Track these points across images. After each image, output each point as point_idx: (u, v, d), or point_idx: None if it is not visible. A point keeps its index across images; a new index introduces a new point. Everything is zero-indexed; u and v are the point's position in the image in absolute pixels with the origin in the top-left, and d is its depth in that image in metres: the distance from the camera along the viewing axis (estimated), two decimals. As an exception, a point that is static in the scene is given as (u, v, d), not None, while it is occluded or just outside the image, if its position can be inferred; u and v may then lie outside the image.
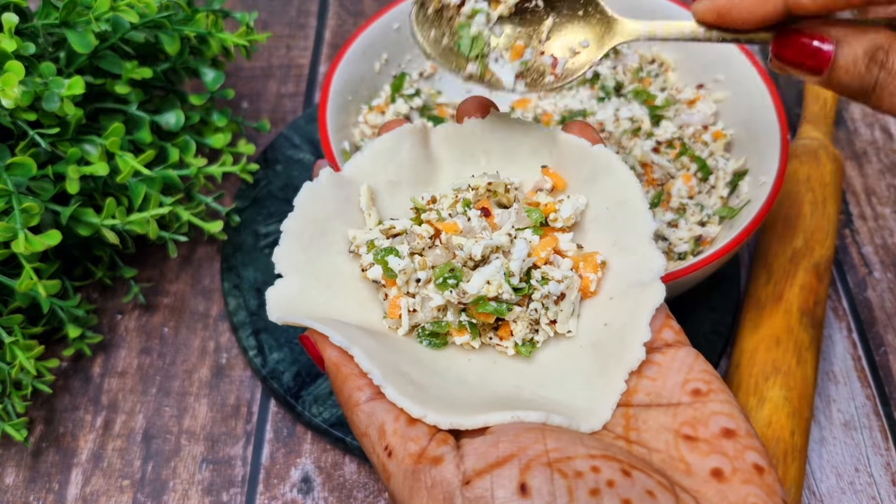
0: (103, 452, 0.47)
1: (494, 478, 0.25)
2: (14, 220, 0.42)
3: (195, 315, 0.54)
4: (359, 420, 0.28)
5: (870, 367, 0.52)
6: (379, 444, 0.27)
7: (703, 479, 0.26)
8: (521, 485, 0.24)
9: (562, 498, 0.24)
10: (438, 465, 0.26)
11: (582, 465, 0.25)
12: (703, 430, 0.27)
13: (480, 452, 0.26)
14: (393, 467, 0.27)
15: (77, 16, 0.45)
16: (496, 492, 0.24)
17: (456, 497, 0.25)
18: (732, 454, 0.26)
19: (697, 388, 0.28)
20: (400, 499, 0.26)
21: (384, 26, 0.55)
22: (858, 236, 0.59)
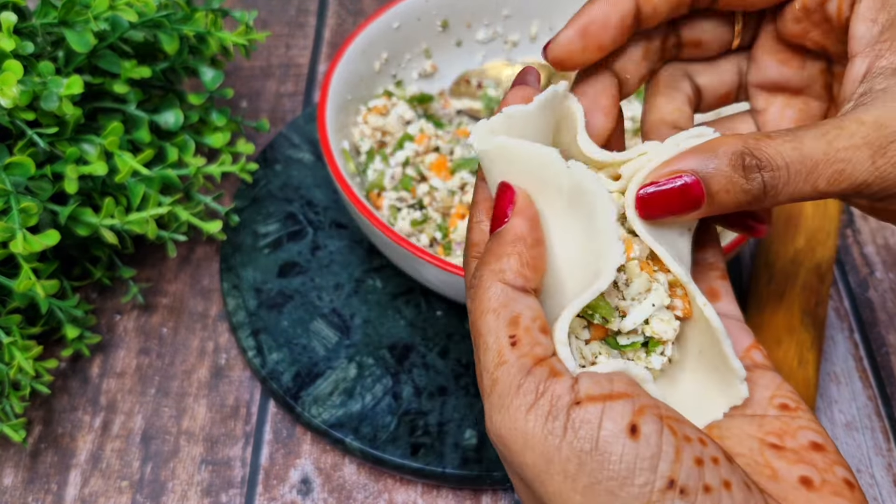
0: (102, 453, 0.47)
1: (606, 409, 0.24)
2: (12, 220, 0.42)
3: (194, 315, 0.53)
4: (494, 293, 0.27)
5: (871, 368, 0.52)
6: (506, 329, 0.26)
7: (791, 486, 0.25)
8: (632, 425, 0.24)
9: (668, 454, 0.23)
10: (555, 376, 0.25)
11: (691, 432, 0.24)
12: (790, 440, 0.27)
13: (596, 381, 0.25)
14: (511, 357, 0.25)
15: (76, 15, 0.45)
16: (605, 422, 0.24)
17: (561, 413, 0.24)
18: (822, 466, 0.26)
19: (785, 403, 0.28)
20: (503, 388, 0.25)
21: (384, 25, 0.55)
22: (860, 236, 0.59)
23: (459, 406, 0.48)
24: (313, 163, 0.60)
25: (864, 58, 0.30)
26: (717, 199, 0.28)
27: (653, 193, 0.28)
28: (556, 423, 0.24)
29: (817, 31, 0.32)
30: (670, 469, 0.23)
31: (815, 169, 0.28)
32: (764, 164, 0.28)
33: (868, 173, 0.28)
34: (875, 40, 0.30)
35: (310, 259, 0.54)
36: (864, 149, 0.28)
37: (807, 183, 0.28)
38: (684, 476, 0.23)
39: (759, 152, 0.28)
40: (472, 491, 0.46)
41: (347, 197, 0.46)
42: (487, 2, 0.59)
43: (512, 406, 0.25)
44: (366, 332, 0.51)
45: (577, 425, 0.24)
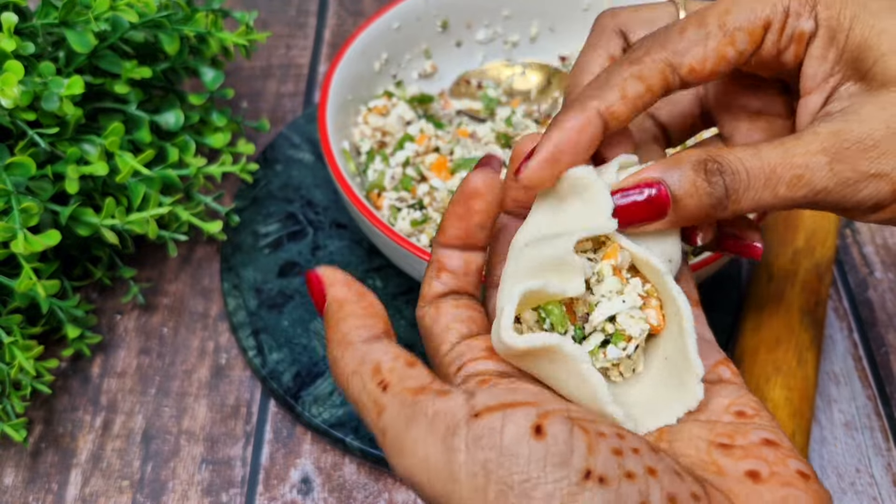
0: (102, 453, 0.47)
1: (507, 415, 0.23)
2: (13, 220, 0.42)
3: (194, 315, 0.53)
4: (349, 359, 0.27)
5: (871, 368, 0.52)
6: (372, 380, 0.26)
7: (736, 479, 0.25)
8: (537, 426, 0.23)
9: (580, 448, 0.22)
10: (444, 396, 0.24)
11: (606, 429, 0.24)
12: (740, 439, 0.26)
13: (494, 394, 0.24)
14: (387, 399, 0.25)
15: (76, 15, 0.45)
16: (506, 427, 0.23)
17: (460, 428, 0.23)
18: (772, 460, 0.25)
19: (743, 410, 0.27)
20: (393, 432, 0.24)
21: (384, 26, 0.55)
22: (859, 236, 0.59)
23: (459, 406, 0.48)
24: (313, 163, 0.60)
25: (819, 93, 0.31)
26: (681, 204, 0.29)
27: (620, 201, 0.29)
28: (456, 439, 0.23)
29: (769, 70, 0.33)
30: (584, 460, 0.22)
31: (773, 174, 0.28)
32: (724, 168, 0.28)
33: (827, 179, 0.28)
34: (828, 74, 0.31)
35: (310, 259, 0.55)
36: (820, 155, 0.28)
37: (766, 188, 0.29)
38: (601, 465, 0.22)
39: (721, 158, 0.29)
40: (472, 490, 0.46)
41: (347, 197, 0.46)
42: (487, 2, 0.59)
43: (407, 441, 0.24)
44: (366, 332, 0.51)
45: (479, 435, 0.23)
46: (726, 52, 0.31)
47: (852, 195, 0.29)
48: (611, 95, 0.30)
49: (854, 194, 0.29)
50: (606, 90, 0.30)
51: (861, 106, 0.29)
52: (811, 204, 0.29)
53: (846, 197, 0.29)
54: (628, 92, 0.30)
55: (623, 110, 0.30)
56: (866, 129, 0.28)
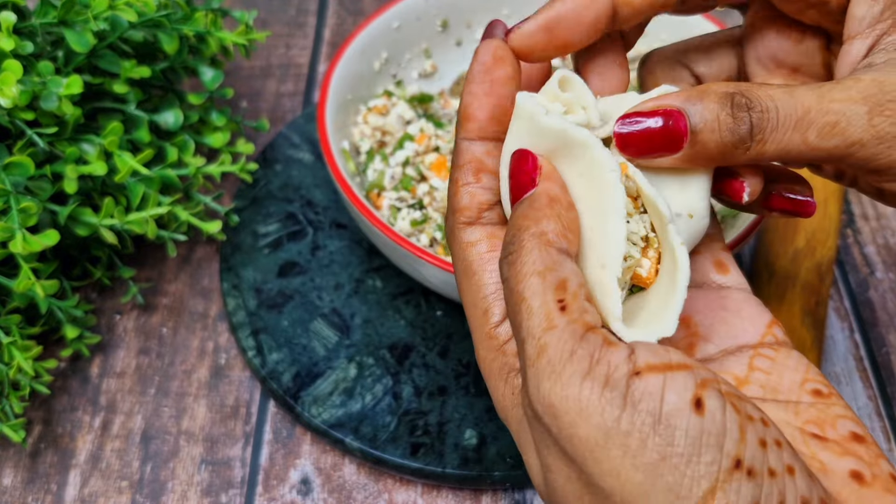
0: (102, 453, 0.47)
1: (668, 380, 0.22)
2: (12, 220, 0.42)
3: (194, 315, 0.53)
4: (539, 258, 0.24)
5: (872, 368, 0.52)
6: (553, 293, 0.24)
7: (842, 480, 0.24)
8: (697, 399, 0.22)
9: (733, 432, 0.22)
10: (610, 345, 0.23)
11: (753, 411, 0.23)
12: (830, 430, 0.25)
13: (653, 350, 0.23)
14: (561, 322, 0.23)
15: (75, 15, 0.45)
16: (667, 394, 0.22)
17: (620, 383, 0.22)
18: (868, 460, 0.24)
19: (818, 389, 0.26)
20: (554, 354, 0.23)
21: (384, 25, 0.55)
22: (860, 236, 0.59)
23: (459, 406, 0.48)
24: (313, 163, 0.60)
25: (863, 39, 0.29)
26: (700, 138, 0.26)
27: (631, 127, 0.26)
28: (615, 393, 0.22)
29: (814, 11, 0.31)
30: (736, 448, 0.22)
31: (805, 116, 0.26)
32: (753, 104, 0.26)
33: (863, 130, 0.26)
34: (876, 20, 0.29)
35: (310, 259, 0.54)
36: (860, 103, 0.26)
37: (796, 131, 0.26)
38: (750, 456, 0.22)
39: (750, 93, 0.26)
40: (472, 491, 0.46)
41: (347, 197, 0.46)
42: (487, 1, 0.59)
43: (565, 373, 0.23)
44: (366, 332, 0.51)
45: (638, 397, 0.22)
46: None
47: (887, 153, 0.26)
48: None
49: (889, 153, 0.26)
50: None
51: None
52: (841, 158, 0.27)
53: (881, 154, 0.26)
54: None
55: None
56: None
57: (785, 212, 0.31)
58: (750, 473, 0.22)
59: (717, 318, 0.29)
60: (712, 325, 0.29)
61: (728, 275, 0.30)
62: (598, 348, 0.23)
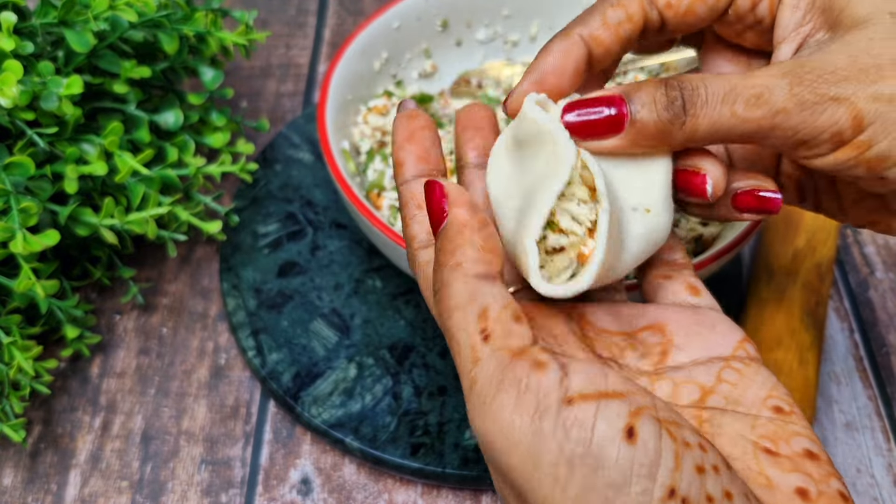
0: (102, 453, 0.47)
1: (601, 408, 0.22)
2: (12, 220, 0.42)
3: (194, 315, 0.53)
4: (458, 291, 0.25)
5: (872, 368, 0.52)
6: (476, 324, 0.25)
7: (787, 497, 0.24)
8: (629, 428, 0.22)
9: (667, 460, 0.22)
10: (539, 370, 0.23)
11: (690, 437, 0.23)
12: (784, 446, 0.26)
13: (589, 376, 0.23)
14: (485, 353, 0.24)
15: (75, 15, 0.45)
16: (598, 423, 0.22)
17: (550, 411, 0.22)
18: (817, 477, 0.25)
19: (780, 406, 0.27)
20: (482, 388, 0.24)
21: (384, 25, 0.55)
22: (860, 236, 0.59)
23: (459, 406, 0.48)
24: (313, 163, 0.60)
25: (790, 42, 0.32)
26: (639, 117, 0.28)
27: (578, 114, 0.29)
28: (545, 422, 0.22)
29: (751, 32, 0.33)
30: (670, 477, 0.22)
31: (732, 90, 0.28)
32: (684, 84, 0.29)
33: (786, 99, 0.28)
34: (799, 24, 0.31)
35: (310, 259, 0.54)
36: (781, 77, 0.28)
37: (725, 104, 0.28)
38: (685, 485, 0.22)
39: (681, 77, 0.29)
40: (472, 491, 0.46)
41: (347, 197, 0.46)
42: (487, 1, 0.59)
43: (494, 405, 0.23)
44: (366, 333, 0.51)
45: (569, 425, 0.22)
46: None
47: (811, 119, 0.28)
48: (593, 21, 0.32)
49: (813, 119, 0.28)
50: (588, 18, 0.32)
51: (827, 45, 0.30)
52: (770, 129, 0.28)
53: (805, 122, 0.28)
54: (609, 19, 0.32)
55: (605, 36, 0.32)
56: (829, 59, 0.28)
57: (752, 210, 0.32)
58: (685, 501, 0.22)
59: (691, 331, 0.30)
60: (686, 336, 0.30)
61: (700, 297, 0.32)
62: (526, 375, 0.23)
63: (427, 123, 0.32)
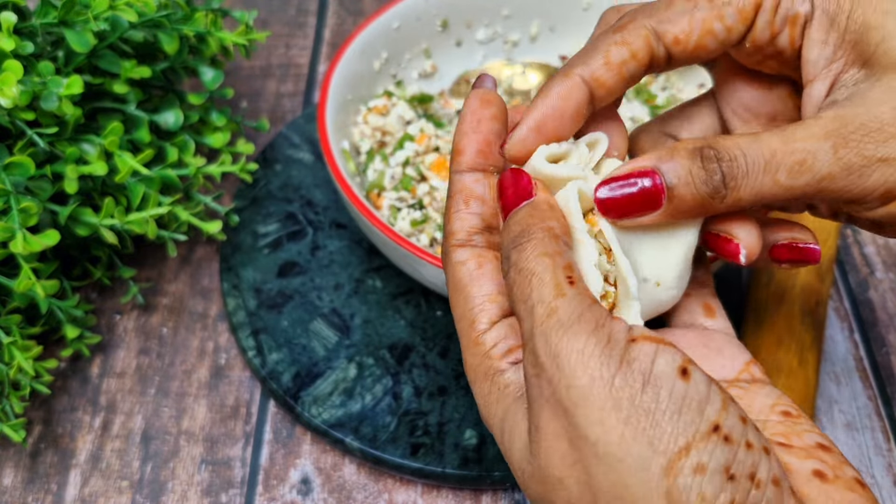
0: (102, 453, 0.47)
1: (659, 350, 0.24)
2: (12, 220, 0.42)
3: (194, 315, 0.53)
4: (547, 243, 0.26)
5: (871, 368, 0.52)
6: (562, 271, 0.26)
7: (805, 478, 0.25)
8: (683, 368, 0.24)
9: (715, 402, 0.23)
10: (613, 318, 0.25)
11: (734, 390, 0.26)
12: (796, 440, 0.26)
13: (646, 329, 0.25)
14: (570, 291, 0.25)
15: (75, 15, 0.45)
16: (658, 359, 0.24)
17: (618, 345, 0.24)
18: (832, 464, 0.26)
19: (787, 411, 0.28)
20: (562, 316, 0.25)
21: (384, 25, 0.55)
22: (860, 236, 0.59)
23: (459, 406, 0.48)
24: (313, 163, 0.60)
25: (822, 80, 0.30)
26: (676, 193, 0.27)
27: (610, 192, 0.28)
28: (614, 352, 0.24)
29: (773, 61, 0.32)
30: (717, 414, 0.23)
31: (773, 158, 0.27)
32: (721, 154, 0.27)
33: (831, 164, 0.27)
34: (830, 60, 0.30)
35: (310, 259, 0.54)
36: (822, 139, 0.27)
37: (767, 174, 0.27)
38: (729, 425, 0.23)
39: (717, 144, 0.27)
40: (472, 491, 0.46)
41: (347, 197, 0.46)
42: (487, 2, 0.59)
43: (572, 329, 0.24)
44: (366, 332, 0.51)
45: (632, 357, 0.24)
46: (713, 27, 0.30)
47: (859, 182, 0.27)
48: (594, 61, 0.30)
49: (861, 181, 0.27)
50: (590, 57, 0.30)
51: (867, 90, 0.28)
52: (815, 194, 0.28)
53: (853, 184, 0.27)
54: (612, 58, 0.29)
55: (608, 76, 0.30)
56: (873, 112, 0.27)
57: (792, 262, 0.32)
58: (727, 439, 0.23)
59: (697, 353, 0.30)
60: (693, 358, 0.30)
61: (715, 319, 0.32)
62: (603, 316, 0.25)
63: (498, 113, 0.30)
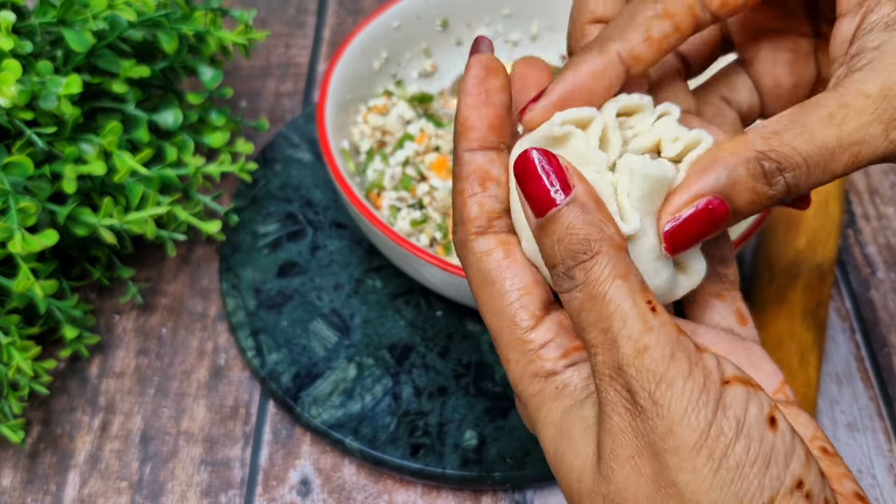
0: (101, 454, 0.47)
1: (751, 396, 0.24)
2: (11, 220, 0.41)
3: (193, 315, 0.53)
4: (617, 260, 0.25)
5: (873, 369, 0.52)
6: (640, 294, 0.24)
7: None
8: (771, 417, 0.24)
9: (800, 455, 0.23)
10: (701, 350, 0.24)
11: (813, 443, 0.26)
12: (837, 486, 0.26)
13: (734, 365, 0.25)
14: (656, 323, 0.24)
15: (74, 14, 0.45)
16: (750, 407, 0.24)
17: (714, 388, 0.24)
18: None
19: (825, 447, 0.28)
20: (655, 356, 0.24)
21: (383, 24, 0.55)
22: (861, 236, 0.59)
23: (459, 406, 0.48)
24: (313, 162, 0.59)
25: (853, 16, 0.29)
26: (742, 211, 0.27)
27: (678, 227, 0.27)
28: (710, 396, 0.23)
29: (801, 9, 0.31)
30: (801, 470, 0.23)
31: (832, 157, 0.26)
32: (784, 165, 0.26)
33: (884, 148, 0.27)
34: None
35: (309, 259, 0.54)
36: (875, 125, 0.26)
37: (826, 172, 0.27)
38: (811, 481, 0.23)
39: (774, 154, 0.26)
40: (472, 492, 0.46)
41: (347, 197, 0.46)
42: (488, 1, 0.59)
43: (668, 374, 0.24)
44: (365, 333, 0.51)
45: (727, 404, 0.23)
46: None
47: None
48: (634, 36, 0.27)
49: None
50: (629, 31, 0.27)
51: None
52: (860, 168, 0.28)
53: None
54: (654, 32, 0.27)
55: (648, 53, 0.28)
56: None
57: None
58: (808, 496, 0.23)
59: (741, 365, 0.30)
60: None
61: (746, 328, 0.32)
62: (693, 352, 0.24)
63: (505, 84, 0.28)
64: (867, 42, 0.28)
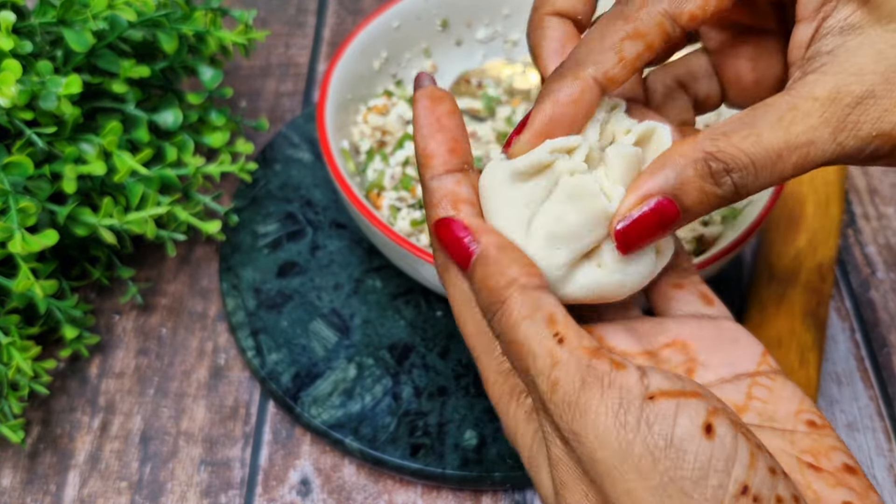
0: (101, 454, 0.47)
1: (681, 405, 0.23)
2: (11, 220, 0.41)
3: (193, 316, 0.53)
4: (519, 302, 0.26)
5: (873, 368, 0.52)
6: (546, 330, 0.25)
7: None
8: (707, 425, 0.23)
9: (743, 459, 0.23)
10: (619, 368, 0.24)
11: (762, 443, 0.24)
12: (825, 461, 0.26)
13: (665, 376, 0.24)
14: (564, 354, 0.24)
15: (74, 14, 0.45)
16: (679, 419, 0.23)
17: (634, 406, 0.23)
18: (859, 491, 0.26)
19: (812, 419, 0.27)
20: (567, 388, 0.24)
21: (383, 24, 0.55)
22: (861, 236, 0.59)
23: (459, 406, 0.48)
24: (313, 162, 0.59)
25: (810, 21, 0.29)
26: (692, 210, 0.27)
27: (629, 226, 0.27)
28: (629, 416, 0.23)
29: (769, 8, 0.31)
30: (745, 474, 0.23)
31: (779, 159, 0.27)
32: (731, 166, 0.27)
33: (832, 151, 0.27)
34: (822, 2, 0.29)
35: (309, 259, 0.54)
36: (822, 128, 0.27)
37: (773, 174, 0.27)
38: (758, 483, 0.23)
39: (722, 154, 0.27)
40: (472, 492, 0.46)
41: (347, 197, 0.46)
42: (488, 1, 0.59)
43: (580, 401, 0.24)
44: (365, 333, 0.51)
45: (652, 420, 0.23)
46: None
47: (858, 157, 0.27)
48: (607, 59, 0.28)
49: (857, 157, 0.27)
50: (601, 54, 0.28)
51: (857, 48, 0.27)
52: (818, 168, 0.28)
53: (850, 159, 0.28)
54: (626, 53, 0.28)
55: (622, 74, 0.28)
56: (865, 84, 0.26)
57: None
58: (756, 500, 0.22)
59: (713, 346, 0.30)
60: (710, 352, 0.30)
61: (714, 307, 0.32)
62: (608, 372, 0.24)
63: (453, 107, 0.29)
64: (822, 46, 0.28)
